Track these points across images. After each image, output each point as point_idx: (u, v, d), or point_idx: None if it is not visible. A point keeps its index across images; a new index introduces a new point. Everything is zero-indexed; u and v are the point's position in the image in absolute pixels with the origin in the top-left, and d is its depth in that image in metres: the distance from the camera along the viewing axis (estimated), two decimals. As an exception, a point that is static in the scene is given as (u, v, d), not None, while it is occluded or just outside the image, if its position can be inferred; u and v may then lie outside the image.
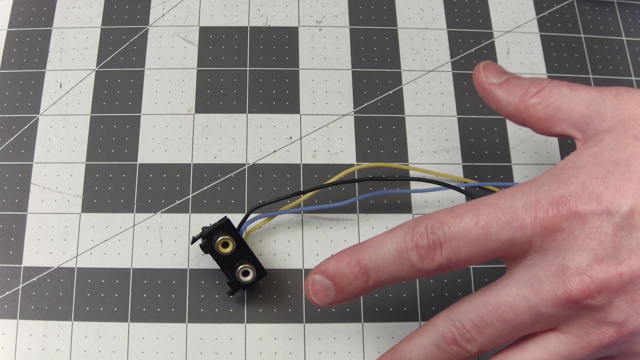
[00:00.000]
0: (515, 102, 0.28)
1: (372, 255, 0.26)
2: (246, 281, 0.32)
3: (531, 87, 0.28)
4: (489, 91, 0.29)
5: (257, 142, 0.37)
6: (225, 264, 0.32)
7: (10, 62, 0.39)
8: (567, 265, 0.23)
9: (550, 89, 0.27)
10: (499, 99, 0.29)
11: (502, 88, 0.29)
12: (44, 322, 0.33)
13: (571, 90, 0.27)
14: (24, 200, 0.36)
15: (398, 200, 0.36)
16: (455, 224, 0.25)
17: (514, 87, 0.28)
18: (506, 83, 0.29)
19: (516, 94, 0.28)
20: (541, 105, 0.27)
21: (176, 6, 0.40)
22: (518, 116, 0.28)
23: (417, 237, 0.25)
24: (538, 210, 0.23)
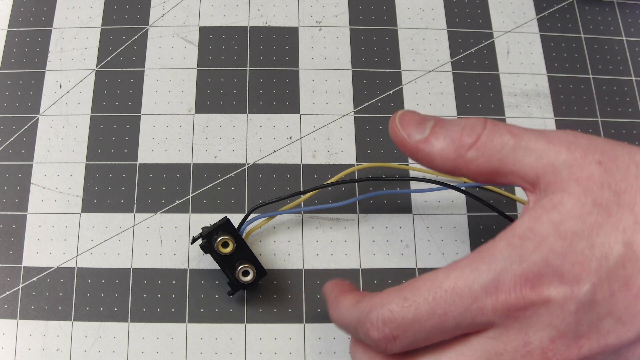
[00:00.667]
0: (451, 158, 0.24)
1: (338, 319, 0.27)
2: (246, 281, 0.32)
3: (465, 138, 0.24)
4: (416, 151, 0.25)
5: (257, 142, 0.37)
6: (225, 264, 0.32)
7: (10, 62, 0.39)
8: (529, 341, 0.22)
9: (489, 138, 0.24)
10: (431, 158, 0.25)
11: (429, 144, 0.25)
12: (44, 322, 0.33)
13: (515, 140, 0.23)
14: (24, 200, 0.36)
15: (398, 200, 0.36)
16: (409, 315, 0.23)
17: (443, 139, 0.24)
18: (433, 136, 0.25)
19: (450, 149, 0.24)
20: (482, 158, 0.24)
21: (176, 6, 0.40)
22: (456, 172, 0.25)
23: (370, 327, 0.24)
24: (499, 293, 0.22)
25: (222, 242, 0.31)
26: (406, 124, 0.26)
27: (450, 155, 0.24)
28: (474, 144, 0.24)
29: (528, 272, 0.22)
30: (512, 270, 0.22)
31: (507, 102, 0.38)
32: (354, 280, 0.34)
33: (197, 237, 0.32)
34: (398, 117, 0.26)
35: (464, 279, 0.22)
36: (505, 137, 0.23)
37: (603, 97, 0.38)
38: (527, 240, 0.22)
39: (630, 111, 0.38)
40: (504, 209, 0.35)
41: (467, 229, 0.35)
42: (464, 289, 0.22)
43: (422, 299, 0.23)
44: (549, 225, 0.22)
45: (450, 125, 0.25)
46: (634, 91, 0.39)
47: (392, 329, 0.23)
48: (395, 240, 0.35)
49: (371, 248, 0.35)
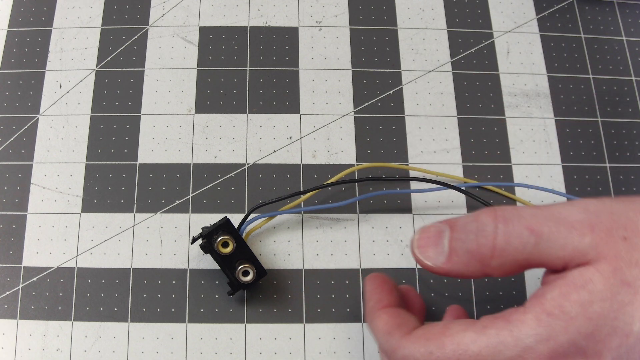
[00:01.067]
0: (479, 271, 0.24)
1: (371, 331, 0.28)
2: (246, 281, 0.32)
3: (483, 249, 0.24)
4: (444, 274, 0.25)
5: (257, 142, 0.37)
6: (225, 264, 0.32)
7: (10, 62, 0.39)
8: None
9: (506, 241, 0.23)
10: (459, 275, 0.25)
11: (453, 263, 0.25)
12: (44, 322, 0.33)
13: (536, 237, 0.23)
14: (24, 200, 0.36)
15: (398, 200, 0.36)
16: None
17: (464, 255, 0.24)
18: (454, 255, 0.24)
19: (474, 264, 0.24)
20: (507, 263, 0.24)
21: (176, 6, 0.40)
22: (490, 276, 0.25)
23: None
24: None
25: (222, 242, 0.31)
26: (424, 247, 0.25)
27: (477, 269, 0.24)
28: (493, 254, 0.23)
29: (552, 353, 0.22)
30: (537, 349, 0.22)
31: (507, 102, 0.38)
32: (354, 280, 0.34)
33: (197, 237, 0.32)
34: (415, 245, 0.26)
35: (489, 349, 0.23)
36: (524, 236, 0.23)
37: (603, 97, 0.38)
38: (555, 320, 0.22)
39: (630, 111, 0.38)
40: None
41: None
42: (487, 359, 0.23)
43: (446, 357, 0.23)
44: (578, 305, 0.22)
45: (464, 233, 0.24)
46: (634, 91, 0.39)
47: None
48: (395, 240, 0.35)
49: (371, 248, 0.35)
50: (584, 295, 0.22)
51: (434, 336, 0.24)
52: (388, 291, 0.29)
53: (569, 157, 0.37)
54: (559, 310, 0.22)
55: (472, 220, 0.24)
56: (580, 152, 0.37)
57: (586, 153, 0.37)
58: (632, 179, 0.36)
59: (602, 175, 0.36)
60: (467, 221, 0.24)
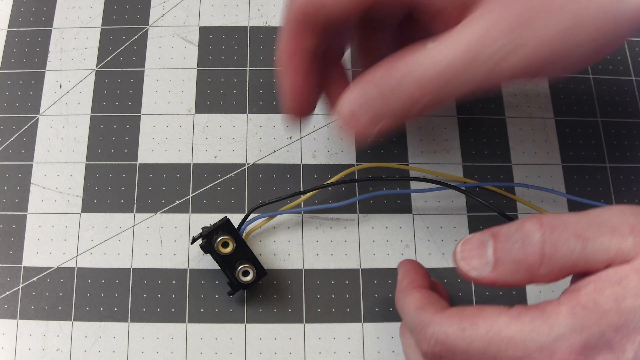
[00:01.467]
0: (525, 281, 0.25)
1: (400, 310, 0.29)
2: (246, 281, 0.32)
3: (529, 258, 0.24)
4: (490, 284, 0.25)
5: (257, 142, 0.37)
6: (225, 264, 0.32)
7: (10, 62, 0.39)
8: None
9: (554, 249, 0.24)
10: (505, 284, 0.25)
11: (499, 273, 0.25)
12: (44, 322, 0.33)
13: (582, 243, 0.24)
14: (24, 200, 0.36)
15: (398, 200, 0.36)
16: (461, 345, 0.24)
17: (511, 265, 0.25)
18: (500, 265, 0.25)
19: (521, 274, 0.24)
20: (555, 269, 0.24)
21: (176, 6, 0.40)
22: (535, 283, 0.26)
23: (422, 339, 0.25)
24: (553, 356, 0.23)
25: (222, 242, 0.31)
26: (468, 259, 0.26)
27: (524, 277, 0.24)
28: (542, 261, 0.24)
29: (585, 343, 0.23)
30: (570, 339, 0.23)
31: (507, 102, 0.38)
32: (354, 280, 0.34)
33: (197, 237, 0.32)
34: (459, 258, 0.26)
35: (522, 334, 0.23)
36: (571, 242, 0.24)
37: (603, 97, 0.38)
38: (589, 312, 0.23)
39: (630, 111, 0.38)
40: (504, 209, 0.35)
41: (467, 229, 0.35)
42: (520, 343, 0.23)
43: (479, 336, 0.24)
44: (612, 300, 0.23)
45: (509, 242, 0.25)
46: (634, 91, 0.39)
47: (441, 350, 0.25)
48: (395, 240, 0.35)
49: (371, 248, 0.35)
50: (618, 290, 0.23)
51: (467, 315, 0.25)
52: (422, 275, 0.30)
53: (569, 157, 0.37)
54: (593, 303, 0.23)
55: (516, 230, 0.25)
56: (580, 152, 0.37)
57: (586, 153, 0.37)
58: (632, 179, 0.36)
59: (602, 175, 0.36)
60: (511, 230, 0.25)
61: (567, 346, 0.23)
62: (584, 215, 0.24)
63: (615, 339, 0.23)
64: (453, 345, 0.24)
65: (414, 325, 0.26)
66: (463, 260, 0.26)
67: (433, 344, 0.25)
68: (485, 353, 0.24)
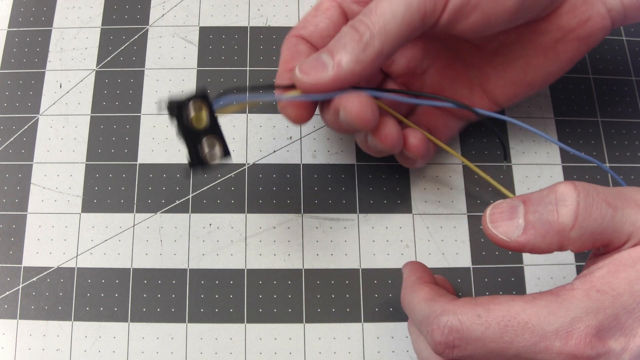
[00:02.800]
0: (555, 243, 0.24)
1: (408, 306, 0.28)
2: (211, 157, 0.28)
3: (563, 218, 0.24)
4: (521, 249, 0.25)
5: (257, 142, 0.37)
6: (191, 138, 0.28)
7: (10, 62, 0.39)
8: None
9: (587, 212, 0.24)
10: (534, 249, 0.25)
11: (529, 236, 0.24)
12: (44, 322, 0.33)
13: (613, 210, 0.24)
14: (24, 200, 0.36)
15: (398, 200, 0.36)
16: (477, 332, 0.24)
17: (542, 227, 0.24)
18: (531, 228, 0.24)
19: (552, 236, 0.24)
20: (585, 234, 0.24)
21: (176, 6, 0.40)
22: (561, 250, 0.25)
23: (436, 329, 0.25)
24: (570, 338, 0.23)
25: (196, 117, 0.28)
26: (498, 222, 0.25)
27: (554, 241, 0.24)
28: (574, 224, 0.24)
29: (600, 325, 0.23)
30: (586, 321, 0.23)
31: (507, 102, 0.38)
32: (354, 280, 0.34)
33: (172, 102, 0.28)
34: (488, 219, 0.26)
35: (539, 318, 0.23)
36: (603, 208, 0.24)
37: (603, 97, 0.38)
38: (604, 295, 0.23)
39: (630, 111, 0.38)
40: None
41: (467, 229, 0.35)
42: (536, 327, 0.23)
43: (495, 322, 0.24)
44: (626, 282, 0.23)
45: (542, 205, 0.24)
46: (634, 91, 0.39)
47: (455, 338, 0.24)
48: (395, 240, 0.35)
49: (371, 248, 0.35)
50: (632, 273, 0.23)
51: (481, 303, 0.24)
52: (428, 273, 0.30)
53: (569, 157, 0.37)
54: (608, 286, 0.23)
55: (549, 192, 0.25)
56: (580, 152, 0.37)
57: (586, 153, 0.37)
58: (632, 179, 0.36)
59: (602, 175, 0.36)
60: (544, 194, 0.25)
61: (583, 328, 0.23)
62: (611, 188, 0.25)
63: (628, 321, 0.23)
64: (468, 332, 0.24)
65: (425, 316, 0.26)
66: (492, 223, 0.25)
67: (447, 333, 0.24)
68: (501, 339, 0.24)
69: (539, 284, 0.34)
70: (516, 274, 0.34)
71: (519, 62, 0.32)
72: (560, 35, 0.30)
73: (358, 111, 0.27)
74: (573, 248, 0.24)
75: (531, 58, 0.31)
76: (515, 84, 0.32)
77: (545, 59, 0.31)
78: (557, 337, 0.23)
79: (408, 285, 0.29)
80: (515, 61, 0.32)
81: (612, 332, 0.23)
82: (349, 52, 0.27)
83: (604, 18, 0.30)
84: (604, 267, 0.24)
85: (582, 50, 0.31)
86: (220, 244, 0.35)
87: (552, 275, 0.34)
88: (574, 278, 0.25)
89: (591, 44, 0.30)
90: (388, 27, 0.27)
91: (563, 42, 0.30)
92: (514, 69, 0.32)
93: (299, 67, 0.28)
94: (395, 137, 0.29)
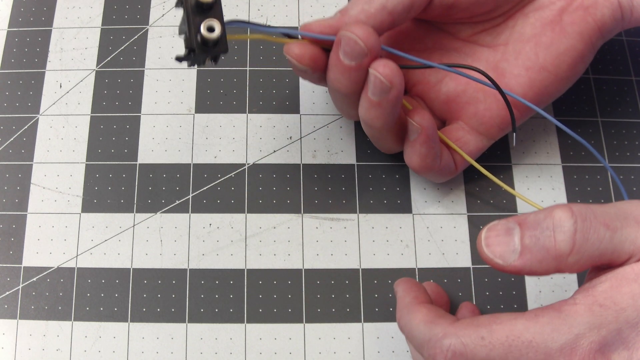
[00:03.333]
0: (552, 268, 0.24)
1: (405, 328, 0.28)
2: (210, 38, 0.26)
3: (560, 245, 0.24)
4: (515, 272, 0.25)
5: (257, 142, 0.37)
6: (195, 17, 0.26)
7: (10, 62, 0.39)
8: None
9: (584, 237, 0.23)
10: (531, 272, 0.24)
11: (526, 261, 0.24)
12: (44, 322, 0.33)
13: (611, 233, 0.23)
14: (24, 200, 0.36)
15: (398, 200, 0.36)
16: (481, 354, 0.24)
17: (538, 252, 0.24)
18: (527, 253, 0.24)
19: (549, 262, 0.24)
20: (583, 259, 0.24)
21: (176, 6, 0.40)
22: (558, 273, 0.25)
23: (439, 353, 0.24)
24: (574, 355, 0.23)
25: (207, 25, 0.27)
26: (493, 245, 0.25)
27: (551, 266, 0.24)
28: (572, 250, 0.23)
29: (603, 340, 0.23)
30: (590, 337, 0.23)
31: (507, 102, 0.38)
32: (354, 280, 0.34)
33: None
34: (484, 245, 0.25)
35: (542, 336, 0.23)
36: (600, 231, 0.23)
37: (603, 97, 0.38)
38: (607, 310, 0.23)
39: (630, 111, 0.38)
40: (504, 208, 0.35)
41: (467, 229, 0.35)
42: (540, 345, 0.23)
43: (499, 342, 0.24)
44: (629, 297, 0.23)
45: (538, 230, 0.24)
46: (634, 91, 0.39)
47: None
48: (395, 240, 0.35)
49: (371, 248, 0.35)
50: (635, 288, 0.23)
51: (483, 324, 0.24)
52: (423, 291, 0.30)
53: (569, 157, 0.37)
54: (611, 301, 0.23)
55: (545, 217, 0.24)
56: (580, 152, 0.37)
57: (586, 153, 0.37)
58: (632, 179, 0.36)
59: (602, 175, 0.36)
60: (540, 218, 0.24)
61: (587, 344, 0.23)
62: (610, 206, 0.24)
63: (631, 335, 0.23)
64: (472, 355, 0.24)
65: (425, 339, 0.25)
66: (487, 247, 0.25)
67: (450, 357, 0.24)
68: (506, 359, 0.23)
69: (538, 284, 0.34)
70: (516, 274, 0.34)
71: (529, 45, 0.31)
72: (564, 4, 0.30)
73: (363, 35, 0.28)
74: (571, 271, 0.24)
75: (540, 36, 0.31)
76: (529, 69, 0.31)
77: (554, 33, 0.31)
78: (562, 354, 0.23)
79: (404, 307, 0.28)
80: (525, 44, 0.32)
81: (615, 347, 0.23)
82: (356, 3, 0.29)
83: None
84: (606, 282, 0.24)
85: (589, 23, 0.30)
86: (220, 244, 0.35)
87: (552, 274, 0.34)
88: (575, 291, 0.25)
89: (598, 19, 0.30)
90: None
91: (568, 13, 0.30)
92: (525, 52, 0.32)
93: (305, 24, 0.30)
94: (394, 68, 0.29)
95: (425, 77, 0.34)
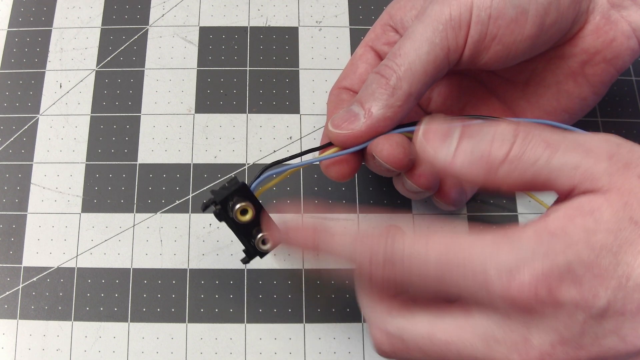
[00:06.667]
0: (482, 176, 0.23)
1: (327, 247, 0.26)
2: (265, 249, 0.29)
3: (495, 151, 0.22)
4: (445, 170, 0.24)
5: (257, 142, 0.37)
6: (241, 231, 0.28)
7: (10, 62, 0.39)
8: (529, 339, 0.22)
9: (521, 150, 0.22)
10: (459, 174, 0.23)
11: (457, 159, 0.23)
12: (44, 322, 0.33)
13: (550, 152, 0.22)
14: (24, 200, 0.36)
15: (398, 200, 0.36)
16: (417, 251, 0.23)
17: (471, 154, 0.23)
18: (461, 152, 0.23)
19: (479, 167, 0.23)
20: (514, 173, 0.22)
21: (176, 6, 0.40)
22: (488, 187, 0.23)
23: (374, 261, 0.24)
24: (512, 281, 0.21)
25: (240, 209, 0.28)
26: (431, 137, 0.24)
27: (481, 173, 0.23)
28: (504, 159, 0.22)
29: (548, 272, 0.21)
30: (533, 265, 0.21)
31: (507, 102, 0.38)
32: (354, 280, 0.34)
33: (209, 202, 0.28)
34: (422, 132, 0.24)
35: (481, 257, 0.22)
36: (538, 149, 0.22)
37: (603, 97, 0.38)
38: (556, 239, 0.21)
39: (630, 111, 0.38)
40: (504, 208, 0.35)
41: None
42: (477, 266, 0.22)
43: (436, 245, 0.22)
44: (582, 230, 0.21)
45: (479, 135, 0.23)
46: (634, 91, 0.39)
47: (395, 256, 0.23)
48: (395, 240, 0.35)
49: (371, 248, 0.35)
50: (589, 221, 0.21)
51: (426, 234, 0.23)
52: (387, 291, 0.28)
53: (569, 157, 0.37)
54: (562, 231, 0.21)
55: (490, 126, 0.23)
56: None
57: (586, 153, 0.37)
58: (632, 179, 0.36)
59: (602, 175, 0.36)
60: (484, 126, 0.23)
61: (529, 272, 0.21)
62: (566, 133, 0.23)
63: (585, 277, 0.21)
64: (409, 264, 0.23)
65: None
66: (424, 135, 0.24)
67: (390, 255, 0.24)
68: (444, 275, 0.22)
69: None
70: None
71: (550, 91, 0.31)
72: (587, 58, 0.30)
73: (389, 152, 0.27)
74: (501, 187, 0.23)
75: (562, 84, 0.31)
76: (550, 113, 0.31)
77: (576, 83, 0.31)
78: (499, 277, 0.21)
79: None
80: (547, 89, 0.31)
81: (564, 281, 0.21)
82: (378, 98, 0.27)
83: (629, 38, 0.29)
84: (560, 210, 0.22)
85: (611, 73, 0.30)
86: (220, 244, 0.35)
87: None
88: None
89: (620, 66, 0.30)
90: (414, 67, 0.27)
91: (591, 65, 0.30)
92: (547, 97, 0.31)
93: (331, 122, 0.28)
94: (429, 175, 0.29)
95: (446, 107, 0.34)
